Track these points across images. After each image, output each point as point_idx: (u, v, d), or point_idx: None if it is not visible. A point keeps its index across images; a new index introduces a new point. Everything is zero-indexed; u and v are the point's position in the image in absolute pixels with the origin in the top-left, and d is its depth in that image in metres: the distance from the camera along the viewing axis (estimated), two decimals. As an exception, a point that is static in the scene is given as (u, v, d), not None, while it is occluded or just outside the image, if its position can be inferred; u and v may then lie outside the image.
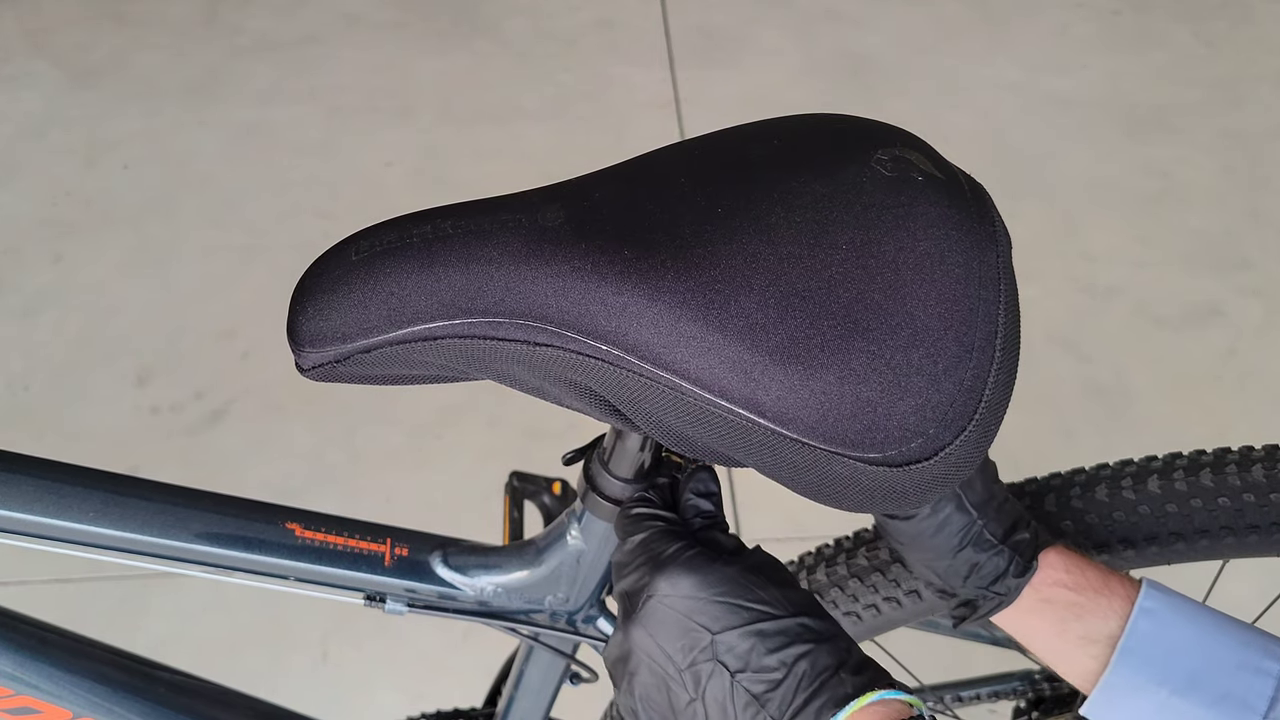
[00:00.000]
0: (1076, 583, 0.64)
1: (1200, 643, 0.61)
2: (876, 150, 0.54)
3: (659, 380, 0.51)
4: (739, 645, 0.55)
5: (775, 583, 0.58)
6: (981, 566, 0.64)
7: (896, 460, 0.50)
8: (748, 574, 0.58)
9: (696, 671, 0.56)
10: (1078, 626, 0.63)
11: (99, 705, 0.77)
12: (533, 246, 0.52)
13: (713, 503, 0.63)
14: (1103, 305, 2.04)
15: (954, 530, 0.64)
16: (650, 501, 0.64)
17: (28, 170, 2.27)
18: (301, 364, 0.55)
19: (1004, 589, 0.65)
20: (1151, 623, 0.61)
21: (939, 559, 0.66)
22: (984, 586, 0.65)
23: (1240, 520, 0.68)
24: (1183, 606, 0.62)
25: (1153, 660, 0.61)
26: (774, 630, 0.55)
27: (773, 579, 0.58)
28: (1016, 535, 0.64)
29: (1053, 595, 0.64)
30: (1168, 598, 0.62)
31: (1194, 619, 0.62)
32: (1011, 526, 0.65)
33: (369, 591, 0.75)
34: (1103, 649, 0.62)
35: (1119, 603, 0.63)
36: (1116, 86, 2.47)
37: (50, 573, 1.63)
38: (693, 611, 0.57)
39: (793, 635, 0.55)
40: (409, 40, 2.57)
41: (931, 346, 0.50)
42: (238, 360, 1.93)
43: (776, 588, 0.57)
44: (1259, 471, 0.68)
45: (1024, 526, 0.65)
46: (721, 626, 0.56)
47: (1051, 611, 0.64)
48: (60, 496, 0.67)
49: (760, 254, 0.51)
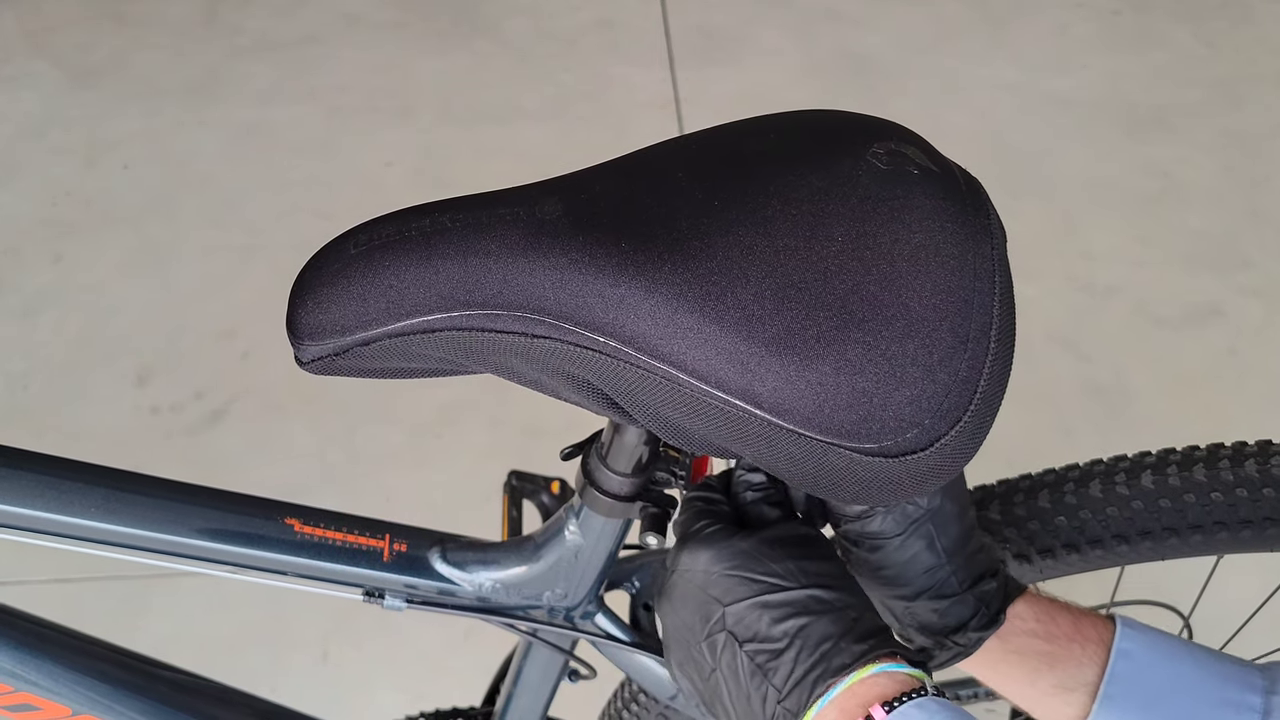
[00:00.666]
0: (1048, 631, 0.63)
1: (1180, 682, 0.60)
2: (872, 144, 0.54)
3: (656, 372, 0.51)
4: (747, 616, 0.57)
5: (793, 555, 0.59)
6: (944, 614, 0.63)
7: (892, 451, 0.50)
8: (763, 546, 0.59)
9: (713, 642, 0.59)
10: (1051, 676, 0.62)
11: (98, 702, 0.78)
12: (530, 239, 0.52)
13: (765, 475, 0.64)
14: (1102, 305, 2.04)
15: (918, 570, 0.63)
16: (707, 484, 0.66)
17: (28, 170, 2.27)
18: (301, 357, 0.55)
19: (965, 640, 0.63)
20: (1130, 665, 0.60)
21: (899, 599, 0.64)
22: (944, 635, 0.63)
23: (1234, 515, 0.68)
24: (1160, 644, 0.61)
25: (1133, 705, 0.60)
26: (779, 601, 0.57)
27: (791, 551, 0.59)
28: (983, 585, 0.63)
29: (1022, 646, 0.63)
30: (1144, 636, 0.61)
31: (1171, 656, 0.61)
32: (979, 576, 0.63)
33: (368, 587, 0.75)
34: (1080, 696, 0.61)
35: (1093, 648, 0.62)
36: (1116, 86, 2.47)
37: (50, 572, 1.63)
38: (707, 584, 0.59)
39: (799, 606, 0.57)
40: (409, 40, 2.57)
41: (927, 338, 0.50)
42: (238, 360, 1.94)
43: (793, 560, 0.58)
44: (1252, 466, 0.68)
45: (992, 575, 0.64)
46: (732, 598, 0.58)
47: (1021, 662, 0.63)
48: (61, 492, 0.67)
49: (757, 246, 0.51)
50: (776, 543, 0.60)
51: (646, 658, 0.82)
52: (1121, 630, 0.62)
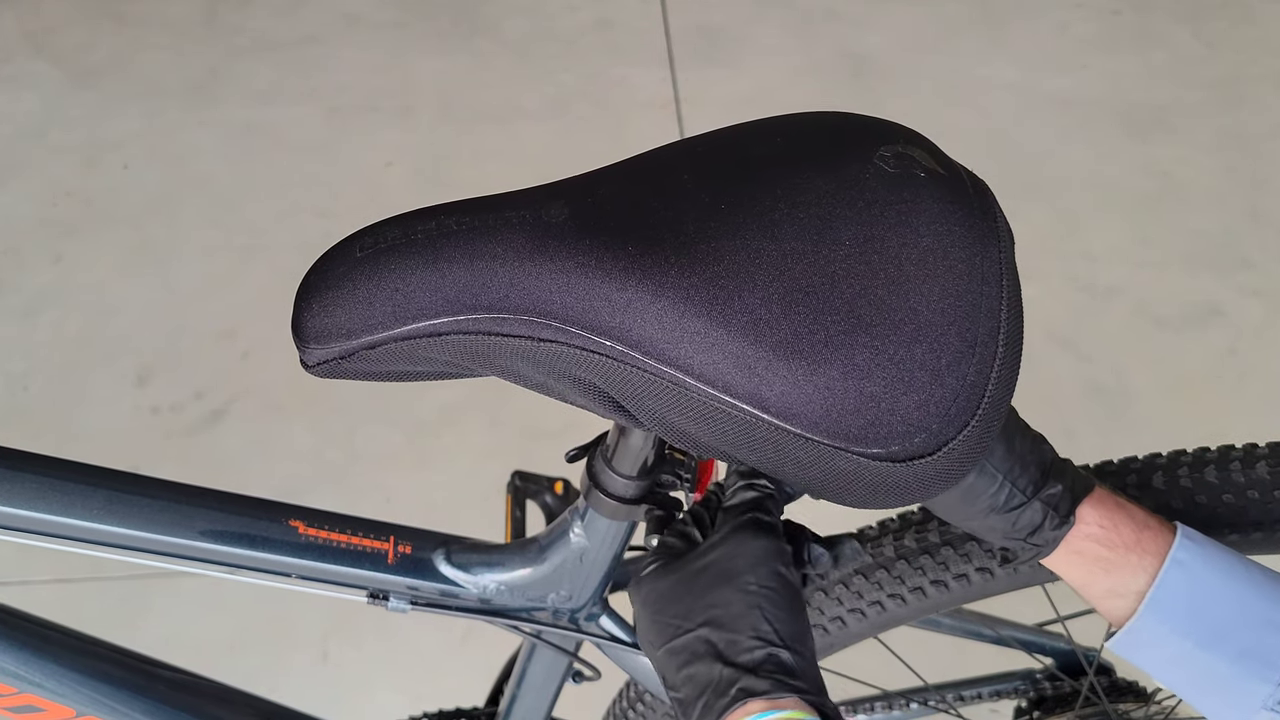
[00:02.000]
0: (1109, 539, 0.62)
1: (1229, 597, 0.60)
2: (879, 147, 0.54)
3: (663, 376, 0.51)
4: (663, 663, 0.59)
5: (701, 588, 0.59)
6: (1016, 522, 0.62)
7: (900, 455, 0.50)
8: (679, 585, 0.60)
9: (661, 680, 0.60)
10: (1105, 581, 0.62)
11: (101, 703, 0.78)
12: (537, 243, 0.52)
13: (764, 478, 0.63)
14: (1103, 305, 2.04)
15: (981, 493, 0.62)
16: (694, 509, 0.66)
17: (28, 170, 2.27)
18: (306, 360, 0.55)
19: (1041, 540, 0.63)
20: (1182, 574, 0.60)
21: (971, 520, 0.64)
22: (1021, 539, 0.63)
23: (1243, 518, 0.68)
24: (1217, 558, 0.61)
25: (1177, 612, 0.60)
26: (680, 647, 0.58)
27: (703, 583, 0.59)
28: (1049, 489, 0.62)
29: (1083, 548, 0.63)
30: (1202, 549, 0.61)
31: (1227, 571, 0.61)
32: (1042, 478, 0.62)
33: (372, 589, 0.75)
34: (1130, 602, 0.62)
35: (1149, 559, 0.61)
36: (1116, 86, 2.47)
37: (51, 573, 1.63)
38: (644, 629, 0.61)
39: (690, 652, 0.58)
40: (409, 40, 2.56)
41: (935, 342, 0.50)
42: (238, 360, 1.93)
43: (697, 595, 0.59)
44: (1263, 468, 0.68)
45: (1057, 476, 0.63)
46: (654, 646, 0.60)
47: (1081, 563, 0.63)
48: (64, 494, 0.67)
49: (764, 250, 0.51)
50: (695, 574, 0.60)
51: (650, 659, 0.82)
52: (1180, 540, 0.61)
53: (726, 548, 0.60)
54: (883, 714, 1.13)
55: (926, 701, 1.12)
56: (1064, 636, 1.06)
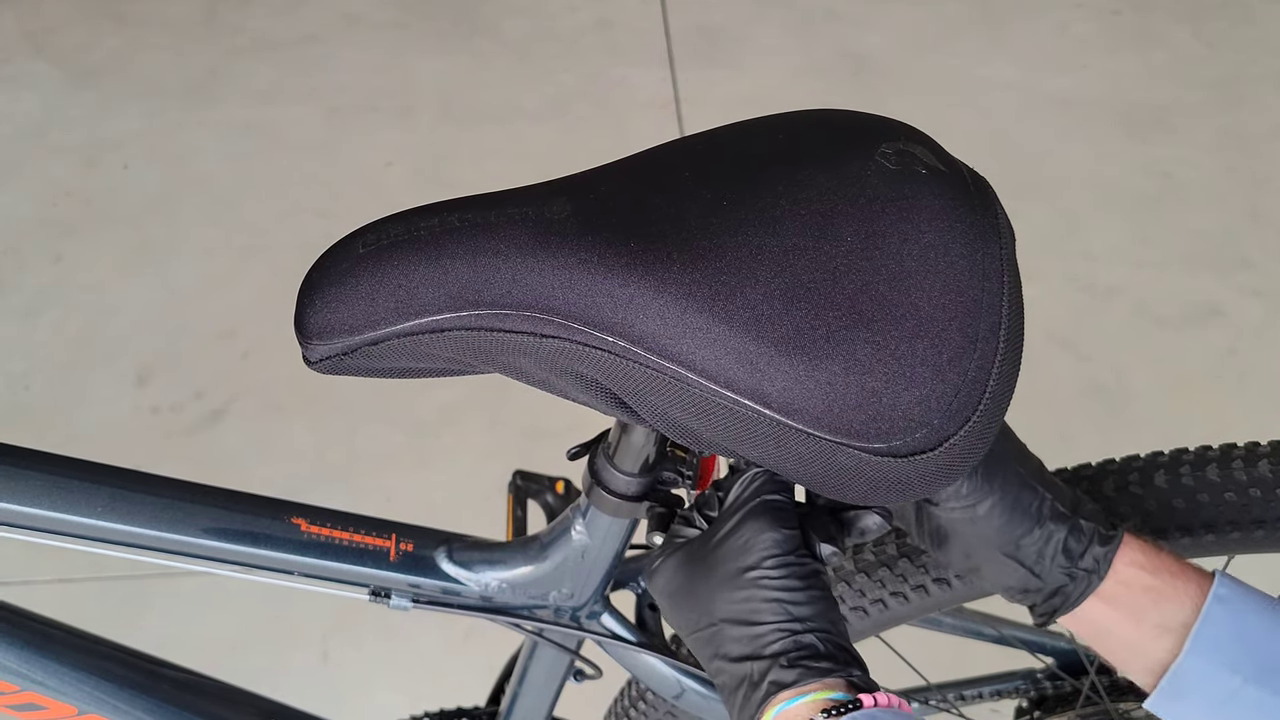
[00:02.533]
0: (1153, 564, 0.60)
1: (1275, 631, 0.59)
2: (880, 144, 0.54)
3: (665, 371, 0.51)
4: (694, 647, 0.61)
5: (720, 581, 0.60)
6: (1063, 542, 0.60)
7: (901, 451, 0.50)
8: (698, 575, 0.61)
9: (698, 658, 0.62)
10: (1154, 614, 0.60)
11: (103, 701, 0.78)
12: (539, 239, 0.52)
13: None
14: (1103, 305, 2.05)
15: (1023, 509, 0.60)
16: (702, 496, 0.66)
17: (28, 170, 2.27)
18: (309, 356, 0.55)
19: (1090, 564, 0.60)
20: (1226, 610, 0.59)
21: (1019, 540, 0.61)
22: (1067, 566, 0.60)
23: (1246, 515, 0.68)
24: (1255, 597, 0.60)
25: (1226, 647, 0.58)
26: (706, 639, 0.60)
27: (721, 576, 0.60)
28: (1086, 506, 0.60)
29: (1130, 578, 0.60)
30: (1241, 588, 0.60)
31: (1269, 608, 0.60)
32: (1076, 500, 0.61)
33: (374, 586, 0.75)
34: (1176, 640, 0.59)
35: (1193, 588, 0.59)
36: (1116, 86, 2.47)
37: (53, 572, 1.63)
38: (668, 615, 0.64)
39: (715, 645, 0.59)
40: (409, 40, 2.57)
41: (936, 338, 0.50)
42: (238, 360, 1.94)
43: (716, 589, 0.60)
44: (1265, 466, 0.68)
45: (1086, 499, 0.61)
46: (683, 631, 0.62)
47: (1128, 597, 0.60)
48: (67, 491, 0.67)
49: (765, 246, 0.51)
50: (710, 567, 0.60)
51: (652, 657, 0.82)
52: (1220, 577, 0.60)
53: (738, 538, 0.60)
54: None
55: (928, 700, 1.12)
56: (1065, 635, 1.06)
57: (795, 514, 0.61)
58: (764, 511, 0.60)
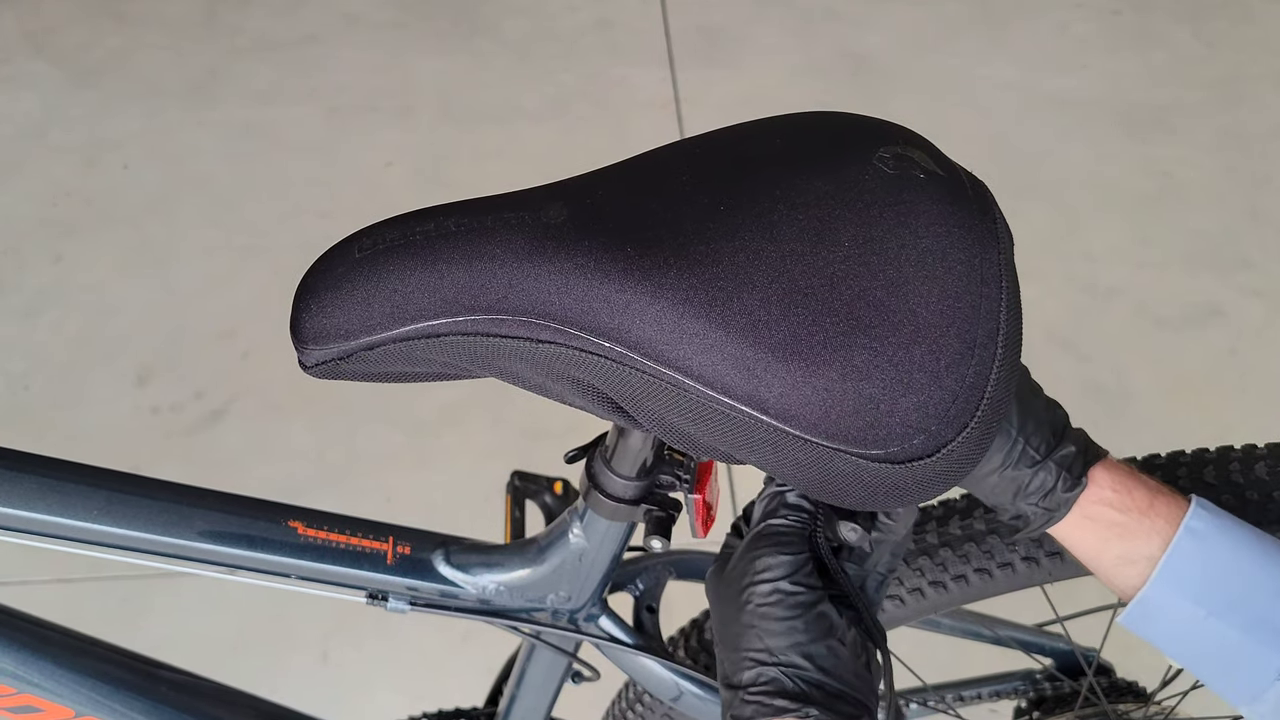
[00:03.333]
0: (1122, 503, 0.62)
1: (1243, 567, 0.60)
2: (878, 148, 0.54)
3: (662, 377, 0.51)
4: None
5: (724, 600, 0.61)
6: (1028, 484, 0.61)
7: (899, 457, 0.50)
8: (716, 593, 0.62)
9: None
10: (1118, 546, 0.61)
11: (101, 704, 0.78)
12: (536, 244, 0.52)
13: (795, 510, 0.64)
14: (1103, 305, 2.04)
15: (995, 451, 0.61)
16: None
17: (28, 170, 2.27)
18: (305, 361, 0.55)
19: (1052, 504, 0.62)
20: (1195, 543, 0.60)
21: (982, 480, 0.63)
22: (1032, 503, 0.62)
23: (1242, 517, 0.68)
24: (1231, 529, 0.61)
25: (1190, 580, 0.60)
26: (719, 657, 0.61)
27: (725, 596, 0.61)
28: (1061, 450, 0.61)
29: (1096, 514, 0.62)
30: (1216, 519, 0.61)
31: (1242, 542, 0.60)
32: (1055, 439, 0.62)
33: (371, 590, 0.75)
34: (1141, 571, 0.61)
35: (1163, 524, 0.61)
36: (1116, 86, 2.47)
37: (51, 572, 1.63)
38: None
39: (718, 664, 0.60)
40: (409, 40, 2.56)
41: (934, 343, 0.50)
42: (238, 360, 1.94)
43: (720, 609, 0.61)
44: (1262, 469, 0.68)
45: (1069, 439, 0.62)
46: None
47: (1094, 529, 0.62)
48: (64, 495, 0.67)
49: (762, 251, 0.51)
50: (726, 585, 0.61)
51: (649, 660, 0.82)
52: (1195, 509, 0.61)
53: (741, 562, 0.61)
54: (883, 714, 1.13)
55: (926, 702, 1.12)
56: (1063, 637, 1.06)
57: (803, 538, 0.62)
58: (765, 535, 0.61)
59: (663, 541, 0.68)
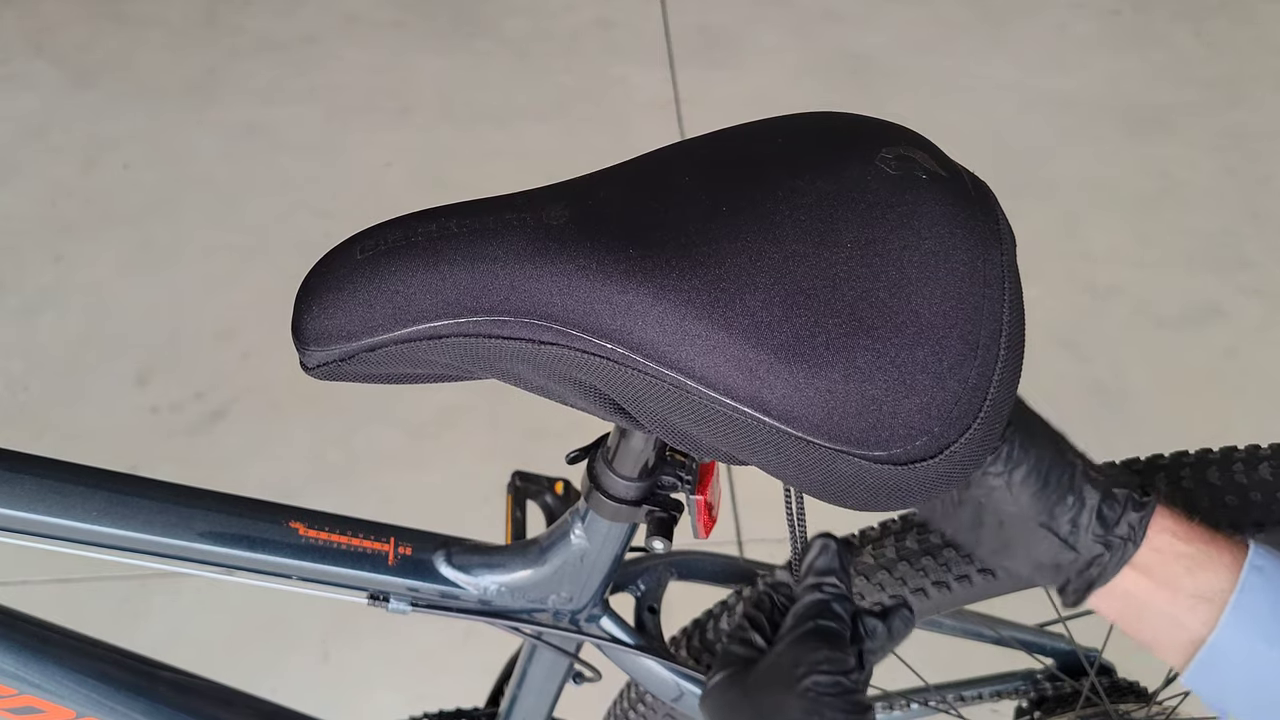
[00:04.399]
0: (1187, 532, 0.57)
1: None
2: (881, 149, 0.54)
3: (664, 378, 0.51)
4: None
5: (766, 694, 0.60)
6: (1097, 511, 0.57)
7: (901, 458, 0.50)
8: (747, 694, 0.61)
9: None
10: (1190, 583, 0.56)
11: (102, 704, 0.78)
12: (538, 245, 0.52)
13: (833, 577, 0.64)
14: (1103, 305, 2.04)
15: (1054, 475, 0.57)
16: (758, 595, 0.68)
17: (28, 170, 2.27)
18: (306, 362, 0.55)
19: (1125, 531, 0.57)
20: (1262, 580, 0.56)
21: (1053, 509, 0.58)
22: (1104, 534, 0.57)
23: (1246, 518, 0.68)
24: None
25: (1263, 618, 0.55)
26: None
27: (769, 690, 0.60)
28: (1118, 474, 0.58)
29: (1164, 545, 0.57)
30: (1277, 558, 0.57)
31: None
32: (1106, 467, 0.59)
33: (372, 590, 0.75)
34: (1212, 610, 0.56)
35: (1228, 557, 0.56)
36: (1116, 86, 2.47)
37: (51, 573, 1.63)
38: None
39: None
40: (409, 40, 2.56)
41: (936, 345, 0.50)
42: (238, 360, 1.93)
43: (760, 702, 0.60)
44: (1266, 469, 0.68)
45: (1120, 468, 0.59)
46: None
47: (1163, 566, 0.57)
48: (63, 495, 0.67)
49: (765, 252, 0.51)
50: (760, 684, 0.61)
51: (651, 660, 0.82)
52: (1255, 547, 0.57)
53: (790, 655, 0.61)
54: (883, 714, 1.13)
55: (927, 702, 1.12)
56: (1065, 637, 1.06)
57: (848, 639, 0.62)
58: (820, 633, 0.61)
59: (665, 542, 0.68)
